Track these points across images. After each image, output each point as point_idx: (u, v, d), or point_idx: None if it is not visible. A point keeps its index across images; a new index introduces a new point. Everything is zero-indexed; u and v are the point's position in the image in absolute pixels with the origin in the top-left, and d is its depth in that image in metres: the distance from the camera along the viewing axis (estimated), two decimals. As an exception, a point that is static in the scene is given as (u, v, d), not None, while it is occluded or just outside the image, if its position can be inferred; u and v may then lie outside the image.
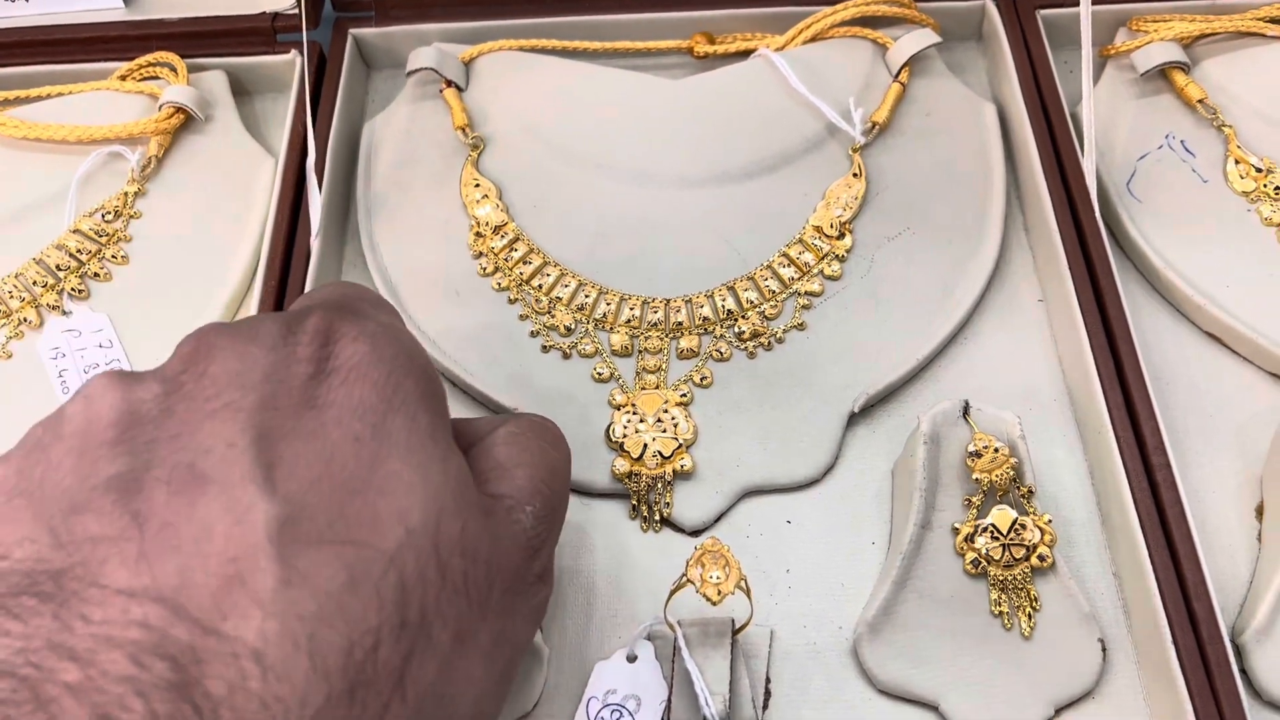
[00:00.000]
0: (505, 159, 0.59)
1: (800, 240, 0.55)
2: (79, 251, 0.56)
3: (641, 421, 0.51)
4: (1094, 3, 0.54)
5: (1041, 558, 0.46)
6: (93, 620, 0.26)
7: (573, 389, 0.52)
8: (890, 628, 0.46)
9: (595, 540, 0.50)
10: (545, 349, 0.53)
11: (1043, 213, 0.55)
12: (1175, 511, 0.46)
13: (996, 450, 0.47)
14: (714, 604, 0.42)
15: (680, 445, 0.50)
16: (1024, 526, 0.46)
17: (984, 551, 0.46)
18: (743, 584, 0.43)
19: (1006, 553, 0.46)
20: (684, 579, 0.43)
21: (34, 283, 0.55)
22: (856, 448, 0.51)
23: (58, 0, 0.64)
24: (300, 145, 0.58)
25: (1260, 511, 0.49)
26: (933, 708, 0.45)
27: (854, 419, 0.52)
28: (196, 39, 0.63)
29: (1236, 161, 0.56)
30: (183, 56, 0.62)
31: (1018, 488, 0.47)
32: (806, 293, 0.54)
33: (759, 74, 0.60)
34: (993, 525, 0.46)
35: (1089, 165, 0.55)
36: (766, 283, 0.54)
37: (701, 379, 0.52)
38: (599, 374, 0.53)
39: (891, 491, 0.50)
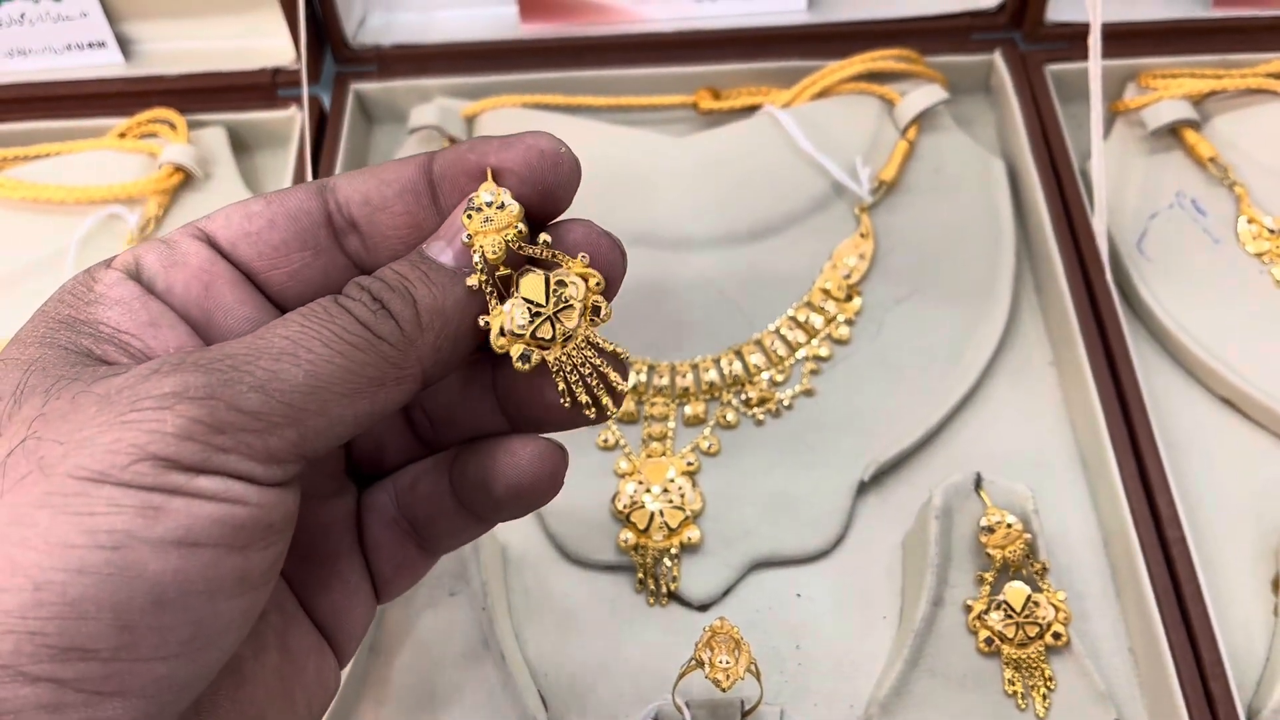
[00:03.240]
0: (508, 218, 0.58)
1: (808, 303, 0.55)
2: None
3: (648, 491, 0.50)
4: (1103, 58, 0.53)
5: (1056, 635, 0.45)
6: None
7: (577, 457, 0.51)
8: (902, 708, 0.45)
9: (600, 614, 0.49)
10: (550, 415, 0.53)
11: (1053, 273, 0.54)
12: (1191, 589, 0.45)
13: (1010, 525, 0.46)
14: (723, 689, 0.41)
15: (687, 517, 0.49)
16: (1038, 603, 0.45)
17: (997, 629, 0.45)
18: (753, 667, 0.42)
19: (1020, 631, 0.45)
20: (692, 661, 0.42)
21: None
22: (866, 517, 0.51)
23: (56, 56, 0.63)
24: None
25: (1277, 585, 0.48)
26: (946, 791, 0.44)
27: (863, 487, 0.51)
28: (196, 95, 0.63)
29: (1249, 221, 0.56)
30: (182, 112, 0.62)
31: (1031, 563, 0.46)
32: (814, 357, 0.54)
33: (764, 131, 0.59)
34: (1006, 602, 0.45)
35: (1100, 225, 0.54)
36: (773, 347, 0.54)
37: (709, 447, 0.52)
38: (604, 441, 0.52)
39: (902, 563, 0.49)
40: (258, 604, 0.26)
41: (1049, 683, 0.45)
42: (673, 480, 0.50)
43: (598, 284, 0.29)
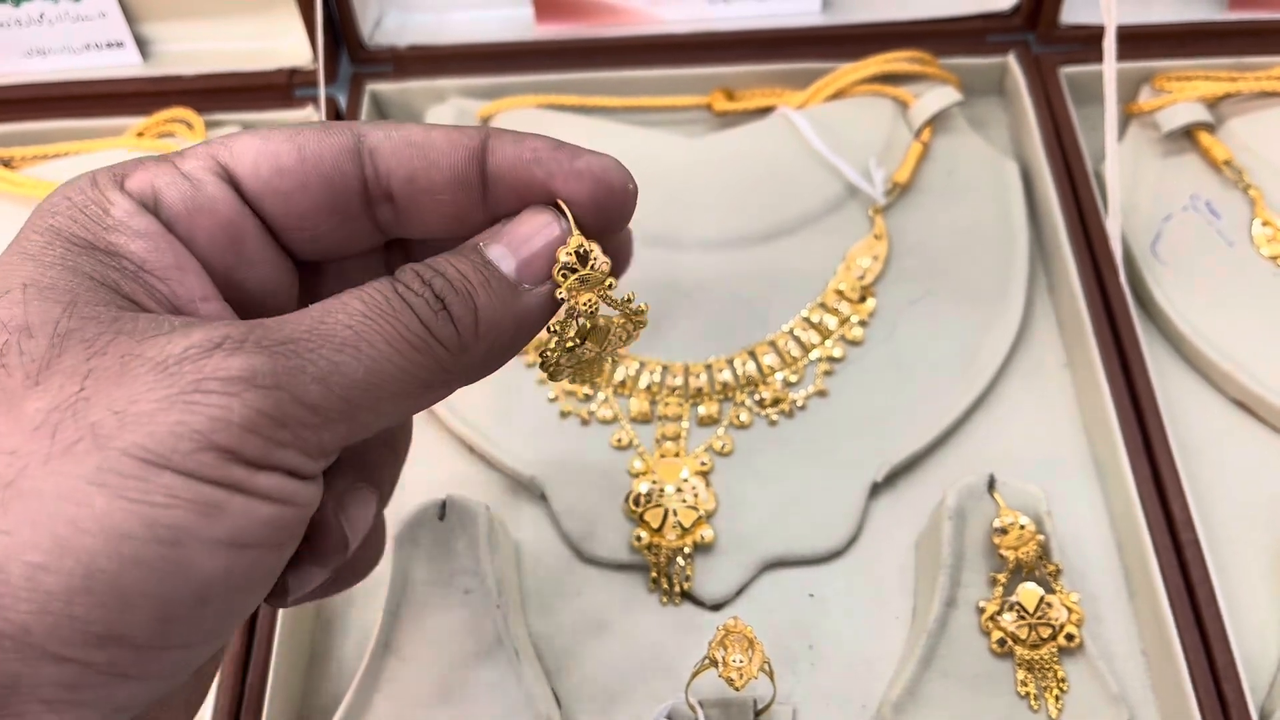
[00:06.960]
0: (523, 219, 0.58)
1: (821, 304, 0.55)
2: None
3: (661, 491, 0.50)
4: (1117, 60, 0.53)
5: (1069, 637, 0.45)
6: None
7: (592, 456, 0.52)
8: (914, 708, 0.45)
9: (613, 613, 0.49)
10: (563, 415, 0.53)
11: (1067, 275, 0.54)
12: (1205, 592, 0.45)
13: (1023, 527, 0.46)
14: (737, 689, 0.41)
15: (701, 516, 0.49)
16: (1051, 605, 0.45)
17: (1010, 630, 0.45)
18: (766, 667, 0.42)
19: (1033, 632, 0.45)
20: (706, 661, 0.42)
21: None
22: (879, 518, 0.51)
23: (75, 56, 0.64)
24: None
25: (1291, 587, 0.48)
26: (959, 792, 0.44)
27: (876, 488, 0.51)
28: (213, 95, 0.63)
29: (1264, 224, 0.56)
30: (199, 112, 0.62)
31: (1044, 565, 0.46)
32: (828, 358, 0.54)
33: (779, 132, 0.59)
34: (1019, 603, 0.45)
35: (1114, 228, 0.54)
36: (787, 347, 0.54)
37: (722, 447, 0.52)
38: (619, 441, 0.52)
39: (915, 564, 0.50)
40: (267, 591, 0.26)
41: (1061, 684, 0.45)
42: (686, 480, 0.51)
43: (634, 308, 0.32)
